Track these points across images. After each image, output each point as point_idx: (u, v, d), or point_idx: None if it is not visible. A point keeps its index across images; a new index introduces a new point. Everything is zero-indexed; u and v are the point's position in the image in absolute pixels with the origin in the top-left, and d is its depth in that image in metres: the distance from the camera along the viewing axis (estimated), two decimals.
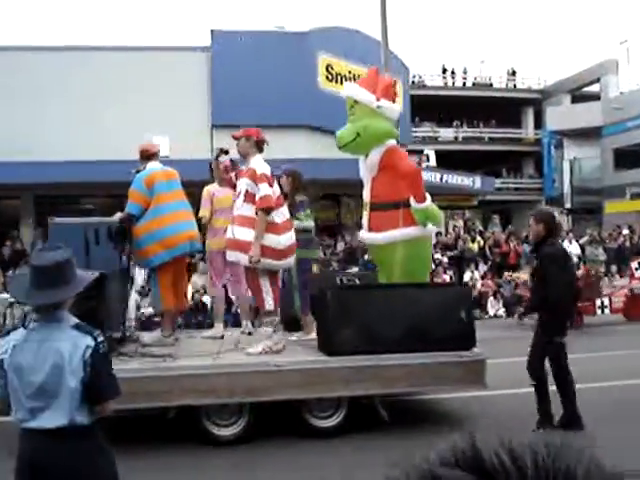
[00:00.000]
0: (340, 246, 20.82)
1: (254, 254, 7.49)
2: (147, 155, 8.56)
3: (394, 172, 8.17)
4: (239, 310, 9.55)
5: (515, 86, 43.75)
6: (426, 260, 8.77)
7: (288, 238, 7.82)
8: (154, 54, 22.67)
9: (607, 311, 16.53)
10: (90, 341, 3.67)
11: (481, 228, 26.01)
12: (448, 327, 7.55)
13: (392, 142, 8.47)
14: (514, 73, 43.97)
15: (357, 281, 9.55)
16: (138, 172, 8.52)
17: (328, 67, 24.17)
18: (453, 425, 7.85)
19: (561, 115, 38.87)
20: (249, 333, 8.98)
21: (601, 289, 16.80)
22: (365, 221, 8.56)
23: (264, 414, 7.43)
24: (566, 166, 39.27)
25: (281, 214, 7.82)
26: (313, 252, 9.08)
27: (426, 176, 24.93)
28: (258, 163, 7.77)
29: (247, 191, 7.70)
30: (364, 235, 8.72)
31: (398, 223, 8.12)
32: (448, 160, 32.02)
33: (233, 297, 11.20)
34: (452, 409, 8.69)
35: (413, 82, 35.68)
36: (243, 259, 7.67)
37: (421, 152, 31.91)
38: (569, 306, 7.57)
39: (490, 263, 21.42)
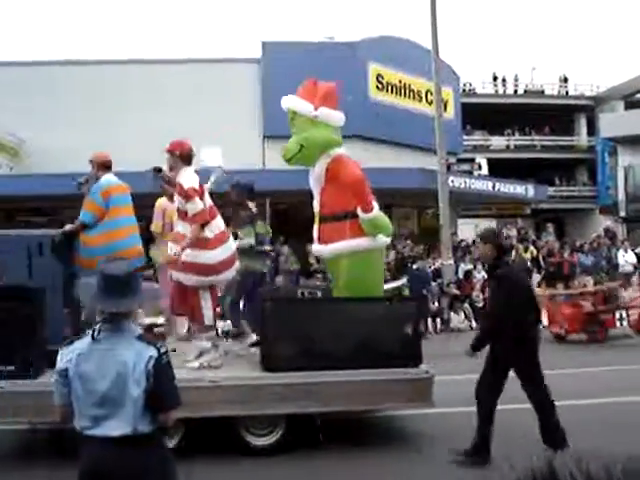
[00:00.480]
0: (391, 255, 20.75)
1: (176, 251, 7.50)
2: (106, 166, 8.40)
3: (339, 182, 7.91)
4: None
5: (567, 93, 43.24)
6: (376, 273, 8.29)
7: (222, 252, 7.70)
8: (206, 66, 22.95)
9: (625, 323, 15.93)
10: (153, 352, 3.75)
11: (534, 237, 25.73)
12: (393, 343, 7.28)
13: (338, 151, 8.15)
14: (566, 80, 43.46)
15: (319, 294, 9.21)
16: (81, 183, 8.46)
17: (378, 77, 24.19)
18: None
19: (614, 122, 38.25)
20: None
21: (619, 301, 16.23)
22: (315, 233, 8.23)
23: (200, 430, 7.24)
24: (620, 173, 38.63)
25: (214, 227, 7.73)
26: (255, 264, 8.93)
27: (478, 185, 24.97)
28: (186, 177, 7.65)
29: (179, 208, 7.68)
30: (314, 248, 8.44)
31: (345, 234, 7.81)
32: (500, 168, 31.79)
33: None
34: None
35: (464, 90, 35.50)
36: (182, 277, 7.62)
37: (472, 160, 31.77)
38: (517, 329, 6.86)
39: (544, 273, 21.16)
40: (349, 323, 7.33)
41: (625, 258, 21.88)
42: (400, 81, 24.93)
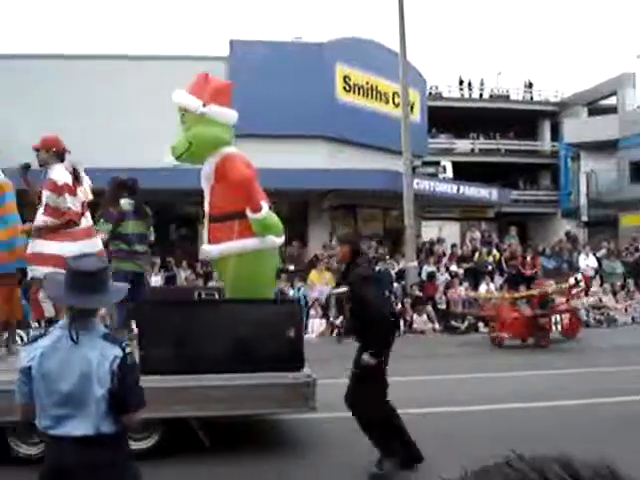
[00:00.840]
0: None
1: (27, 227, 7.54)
2: None
3: (228, 181, 7.77)
4: None
5: (532, 98, 43.67)
6: (265, 274, 8.11)
7: (85, 246, 7.56)
8: (173, 63, 22.77)
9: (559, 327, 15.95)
10: (118, 351, 3.69)
11: (497, 240, 25.94)
12: (275, 346, 7.12)
13: (229, 149, 8.02)
14: (531, 85, 43.90)
15: (217, 295, 8.97)
16: None
17: (346, 78, 24.21)
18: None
19: (578, 127, 38.72)
20: None
21: (554, 306, 16.33)
22: (205, 233, 8.13)
23: None
24: (582, 179, 39.14)
25: (81, 222, 7.70)
26: (125, 265, 8.84)
27: (443, 187, 25.13)
28: (58, 173, 7.62)
29: (47, 204, 7.60)
30: (203, 248, 8.25)
31: (233, 235, 7.70)
32: (465, 172, 32.00)
33: None
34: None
35: (430, 93, 35.66)
36: (46, 271, 7.39)
37: (438, 163, 31.96)
38: (387, 327, 6.70)
39: (506, 276, 21.33)
40: (229, 325, 7.18)
41: (586, 262, 22.16)
42: (367, 83, 24.96)
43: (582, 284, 17.83)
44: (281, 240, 8.16)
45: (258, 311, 7.43)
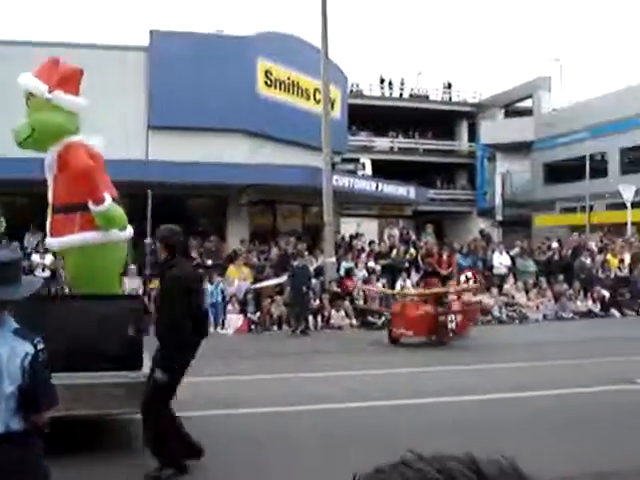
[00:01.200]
0: (274, 252, 20.79)
1: None
2: None
3: (70, 172, 7.47)
4: None
5: (450, 99, 44.44)
6: (109, 268, 7.82)
7: None
8: (90, 52, 22.29)
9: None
10: (30, 348, 3.56)
11: (414, 238, 26.26)
12: (114, 344, 6.81)
13: (73, 138, 7.67)
14: (450, 86, 44.65)
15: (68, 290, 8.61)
16: None
17: (267, 72, 24.15)
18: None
19: (494, 129, 39.62)
20: None
21: (448, 304, 16.44)
22: (48, 225, 7.75)
23: None
24: (498, 179, 40.05)
25: None
26: None
27: (362, 184, 25.29)
28: None
29: None
30: (46, 241, 7.99)
31: (74, 227, 7.43)
32: (383, 170, 32.30)
33: None
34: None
35: (351, 91, 35.90)
36: None
37: (357, 160, 32.17)
38: (186, 337, 6.25)
39: (422, 272, 21.60)
40: (67, 322, 6.80)
41: (499, 260, 22.64)
42: (288, 78, 24.96)
43: (471, 282, 18.31)
44: (127, 234, 7.89)
45: (97, 307, 7.08)
